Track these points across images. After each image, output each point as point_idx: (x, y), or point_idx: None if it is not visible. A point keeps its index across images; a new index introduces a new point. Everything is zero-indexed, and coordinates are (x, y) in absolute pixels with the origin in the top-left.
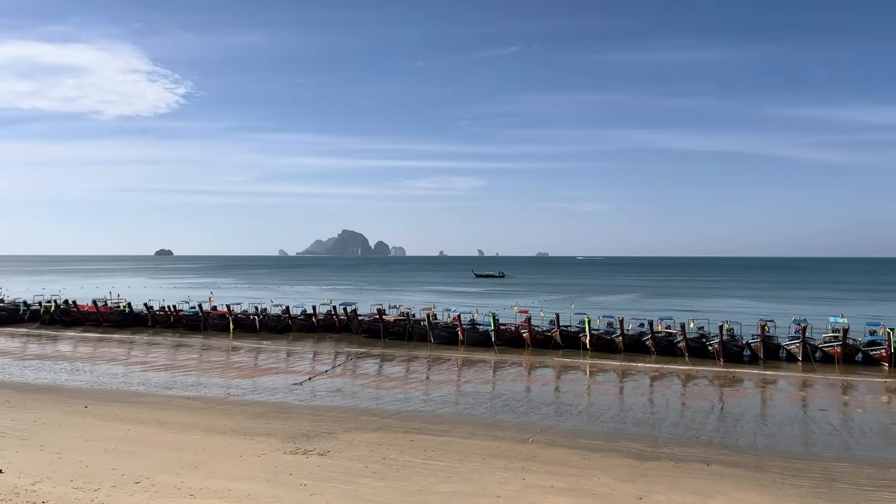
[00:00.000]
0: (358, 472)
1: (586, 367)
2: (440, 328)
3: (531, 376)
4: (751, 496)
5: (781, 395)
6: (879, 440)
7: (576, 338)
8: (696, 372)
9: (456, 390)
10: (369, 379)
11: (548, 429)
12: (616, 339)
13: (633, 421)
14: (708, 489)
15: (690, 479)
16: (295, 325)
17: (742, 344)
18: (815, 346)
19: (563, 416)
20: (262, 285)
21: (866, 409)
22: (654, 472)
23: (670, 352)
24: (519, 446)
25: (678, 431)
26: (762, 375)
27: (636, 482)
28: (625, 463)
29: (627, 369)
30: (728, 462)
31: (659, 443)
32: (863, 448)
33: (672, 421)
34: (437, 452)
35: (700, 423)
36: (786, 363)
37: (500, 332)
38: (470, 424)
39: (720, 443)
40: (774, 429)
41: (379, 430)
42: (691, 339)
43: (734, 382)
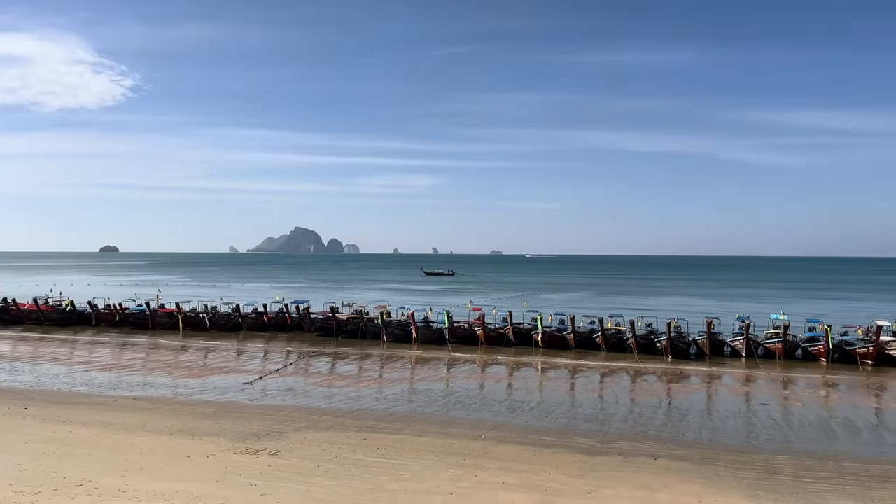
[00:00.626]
0: (309, 471)
1: (538, 364)
2: (394, 326)
3: (484, 373)
4: (696, 489)
5: (726, 391)
6: (818, 433)
7: (528, 335)
8: (644, 368)
9: (409, 388)
10: (322, 378)
11: (500, 425)
12: (567, 336)
13: (583, 417)
14: (655, 483)
15: (638, 474)
16: (245, 323)
17: (689, 341)
18: (758, 343)
19: (516, 412)
20: (211, 283)
21: (805, 403)
22: (603, 466)
23: (620, 349)
24: (471, 443)
25: (627, 427)
26: (708, 371)
27: (586, 477)
28: (575, 458)
29: (578, 366)
30: (675, 456)
31: (608, 438)
32: (802, 441)
33: (621, 416)
34: (389, 451)
35: (648, 418)
36: (730, 359)
37: (453, 329)
38: (423, 422)
39: (667, 437)
40: (719, 423)
41: (331, 429)
42: (640, 336)
43: (681, 378)
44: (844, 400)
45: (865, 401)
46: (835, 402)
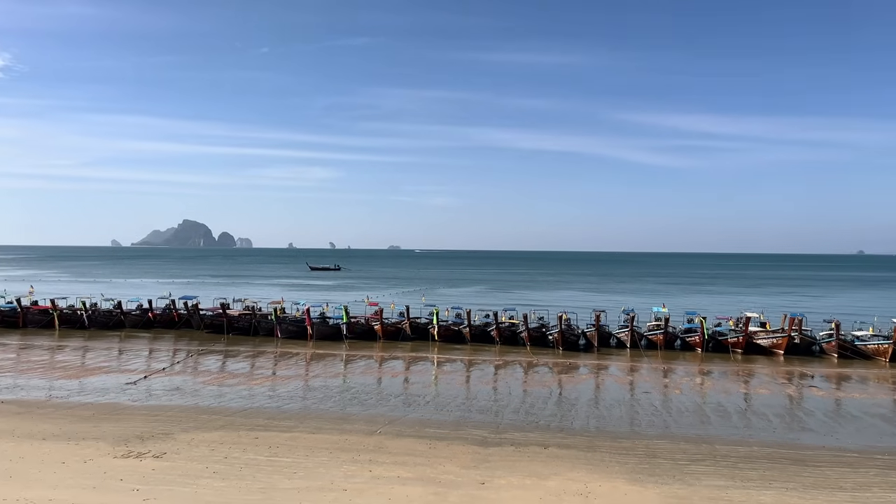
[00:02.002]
0: (197, 473)
1: (434, 358)
2: (288, 322)
3: (381, 368)
4: (583, 475)
5: (612, 380)
6: (693, 418)
7: (425, 329)
8: (536, 360)
9: (304, 385)
10: (211, 376)
11: (396, 420)
12: (463, 330)
13: (477, 409)
14: (545, 471)
15: (529, 462)
16: (128, 320)
17: (578, 333)
18: (641, 335)
19: (411, 406)
20: (91, 278)
21: (683, 390)
22: (496, 457)
23: (514, 342)
24: (367, 438)
25: (519, 417)
26: (596, 362)
27: (479, 468)
28: (469, 450)
29: (474, 359)
30: (564, 444)
31: (501, 429)
32: (680, 426)
33: (514, 408)
34: (282, 449)
35: (539, 408)
36: (616, 350)
37: (351, 325)
38: (317, 419)
39: (557, 426)
40: (605, 411)
41: (221, 429)
42: (533, 329)
43: (571, 369)
44: (717, 387)
45: (736, 387)
46: (709, 389)
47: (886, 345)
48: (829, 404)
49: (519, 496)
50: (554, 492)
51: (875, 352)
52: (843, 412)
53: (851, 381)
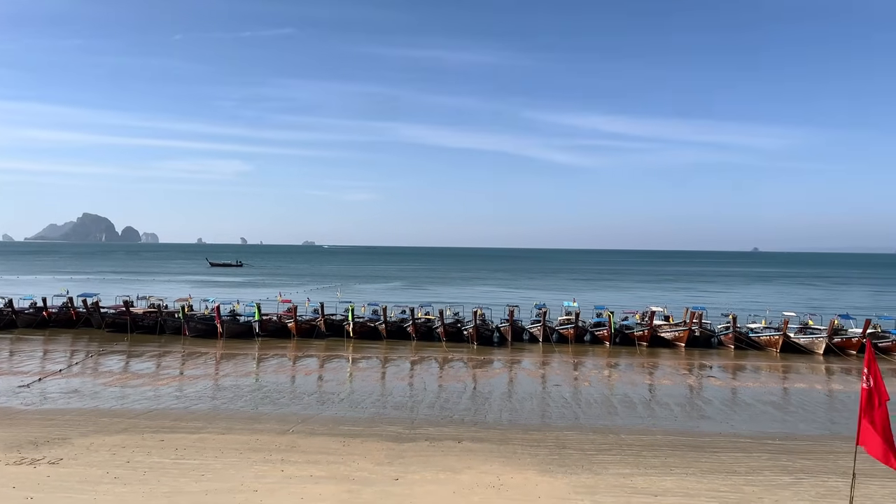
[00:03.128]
0: (97, 478)
1: (350, 355)
2: (197, 320)
3: (295, 366)
4: (496, 468)
5: (524, 374)
6: (601, 409)
7: (340, 326)
8: (452, 356)
9: (213, 384)
10: (113, 377)
11: (309, 418)
12: (379, 326)
13: (392, 405)
14: (458, 465)
15: (443, 457)
16: (20, 319)
17: (493, 328)
18: (553, 329)
19: (325, 404)
20: None
21: (592, 382)
22: (410, 452)
23: (430, 337)
24: (279, 438)
25: (433, 412)
26: (509, 357)
27: (393, 464)
28: (383, 446)
29: (389, 355)
30: (477, 438)
31: (416, 424)
32: (588, 417)
33: (428, 403)
34: (189, 451)
35: (454, 403)
36: (529, 344)
37: (263, 322)
38: (227, 419)
39: (471, 420)
40: (517, 405)
41: (123, 432)
42: (448, 324)
43: (485, 364)
44: (624, 378)
45: (641, 378)
46: (616, 381)
47: (777, 336)
48: (726, 393)
49: (433, 491)
50: (467, 485)
51: (767, 343)
52: (738, 400)
53: (746, 370)
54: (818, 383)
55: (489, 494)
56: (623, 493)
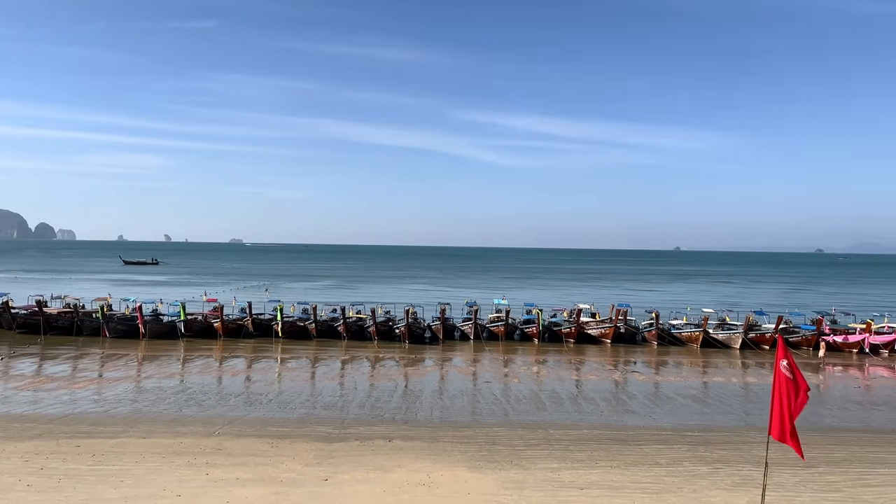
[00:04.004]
0: (9, 486)
1: (279, 355)
2: (117, 321)
3: (221, 367)
4: (426, 465)
5: (456, 372)
6: (530, 405)
7: (269, 326)
8: (383, 354)
9: (135, 387)
10: (25, 381)
11: (236, 420)
12: (309, 325)
13: (322, 405)
14: (389, 464)
15: (373, 456)
16: None
17: (425, 326)
18: (484, 326)
19: (253, 405)
20: None
21: (521, 379)
22: (340, 452)
23: (361, 337)
24: (204, 440)
25: (364, 412)
26: (441, 355)
27: (323, 464)
28: (312, 447)
29: (320, 355)
30: (408, 436)
31: (346, 424)
32: (518, 413)
33: (359, 402)
34: (108, 456)
35: (385, 402)
36: (461, 342)
37: (188, 322)
38: (149, 423)
39: (402, 419)
40: (448, 402)
41: (37, 438)
42: (380, 323)
43: (417, 362)
44: (552, 374)
45: (568, 374)
46: (545, 377)
47: (697, 332)
48: (649, 388)
49: (362, 490)
50: (397, 483)
51: (688, 339)
52: (661, 394)
53: (668, 365)
54: (734, 377)
55: (419, 492)
56: (551, 488)
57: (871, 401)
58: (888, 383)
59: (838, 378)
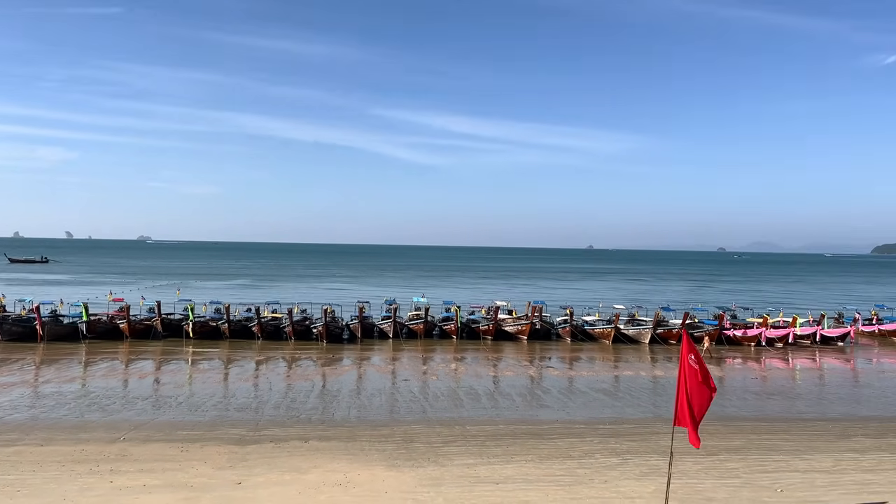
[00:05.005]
0: None
1: (189, 356)
2: (11, 322)
3: (127, 370)
4: (343, 465)
5: (374, 370)
6: (448, 402)
7: (179, 326)
8: (300, 354)
9: (32, 392)
10: None
11: (142, 424)
12: (222, 326)
13: (235, 407)
14: (305, 465)
15: (289, 457)
16: None
17: (343, 325)
18: (403, 324)
19: (161, 409)
20: None
21: (439, 376)
22: (254, 455)
23: (277, 336)
24: (108, 447)
25: (279, 413)
26: (359, 354)
27: (236, 468)
28: (225, 450)
29: (233, 356)
30: (324, 437)
31: (260, 426)
32: (435, 410)
33: (274, 403)
34: (2, 466)
35: (301, 402)
36: (380, 341)
37: (91, 323)
38: (48, 429)
39: (318, 419)
40: (366, 401)
41: None
42: (297, 322)
43: (334, 362)
44: (470, 371)
45: (486, 371)
46: (462, 374)
47: (609, 328)
48: (563, 382)
49: (277, 492)
50: (313, 485)
51: (601, 335)
52: (574, 389)
53: (581, 360)
54: (643, 371)
55: (336, 493)
56: (467, 483)
57: (767, 391)
58: (782, 374)
59: (738, 370)
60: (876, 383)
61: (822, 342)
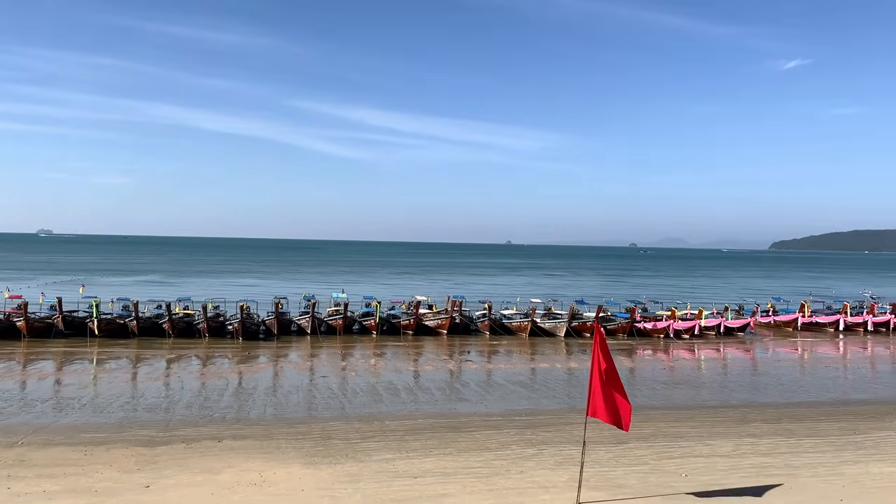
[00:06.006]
0: None
1: (94, 355)
2: None
3: (26, 370)
4: (258, 465)
5: (291, 367)
6: (367, 398)
7: (84, 324)
8: (214, 352)
9: None
10: None
11: (42, 428)
12: (130, 323)
13: (144, 407)
14: (218, 465)
15: (201, 458)
16: None
17: (259, 322)
18: (321, 320)
19: (63, 411)
20: None
21: (359, 372)
22: (164, 456)
23: (190, 334)
24: (5, 452)
25: (192, 412)
26: (276, 350)
27: (144, 470)
28: (132, 452)
29: (143, 354)
30: (239, 435)
31: (171, 426)
32: (354, 406)
33: (186, 402)
34: None
35: (214, 401)
36: (297, 337)
37: None
38: None
39: (233, 418)
40: (283, 398)
41: None
42: (210, 319)
43: (250, 359)
44: (390, 366)
45: (406, 365)
46: (382, 369)
47: (526, 322)
48: (482, 376)
49: (188, 494)
50: (227, 485)
51: (518, 328)
52: (492, 382)
53: (499, 354)
54: (559, 363)
55: (250, 492)
56: (385, 478)
57: (675, 381)
58: (689, 364)
59: (647, 361)
60: (773, 371)
61: (726, 333)
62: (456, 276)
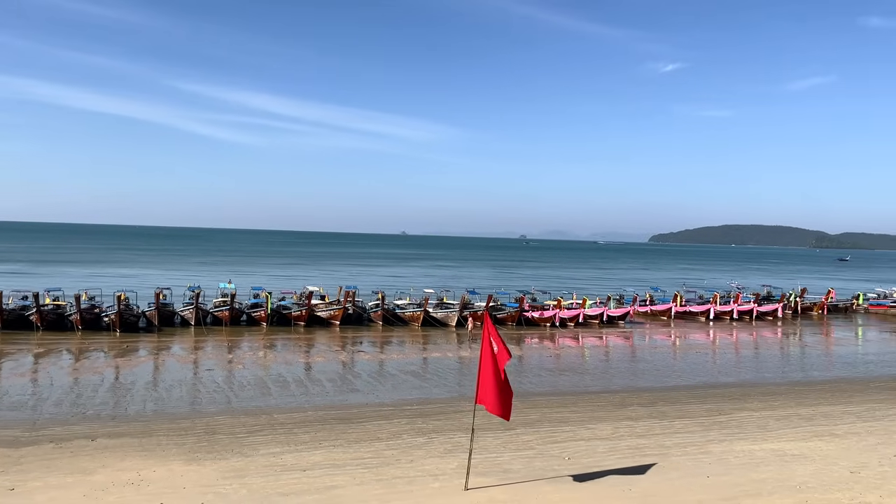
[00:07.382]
0: None
1: None
2: None
3: None
4: (135, 463)
5: (174, 360)
6: (255, 391)
7: None
8: (89, 345)
9: None
10: None
11: None
12: None
13: (8, 406)
14: (91, 465)
15: (72, 458)
16: None
17: (138, 313)
18: (207, 312)
19: None
20: None
21: (246, 365)
22: (30, 457)
23: (61, 326)
24: None
25: (62, 410)
26: (157, 343)
27: (8, 473)
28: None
29: (6, 350)
30: (115, 433)
31: (38, 425)
32: (241, 400)
33: (56, 400)
34: None
35: (88, 397)
36: (181, 329)
37: None
38: None
39: (108, 415)
40: (164, 393)
41: None
42: (85, 310)
43: (128, 352)
44: (279, 358)
45: (296, 357)
46: (271, 362)
47: (419, 312)
48: (374, 366)
49: (57, 497)
50: (100, 486)
51: (411, 318)
52: (384, 372)
53: (392, 344)
54: (450, 352)
55: (127, 492)
56: (273, 472)
57: (560, 368)
58: (573, 352)
59: (534, 349)
60: (649, 357)
61: (608, 322)
62: (349, 266)
